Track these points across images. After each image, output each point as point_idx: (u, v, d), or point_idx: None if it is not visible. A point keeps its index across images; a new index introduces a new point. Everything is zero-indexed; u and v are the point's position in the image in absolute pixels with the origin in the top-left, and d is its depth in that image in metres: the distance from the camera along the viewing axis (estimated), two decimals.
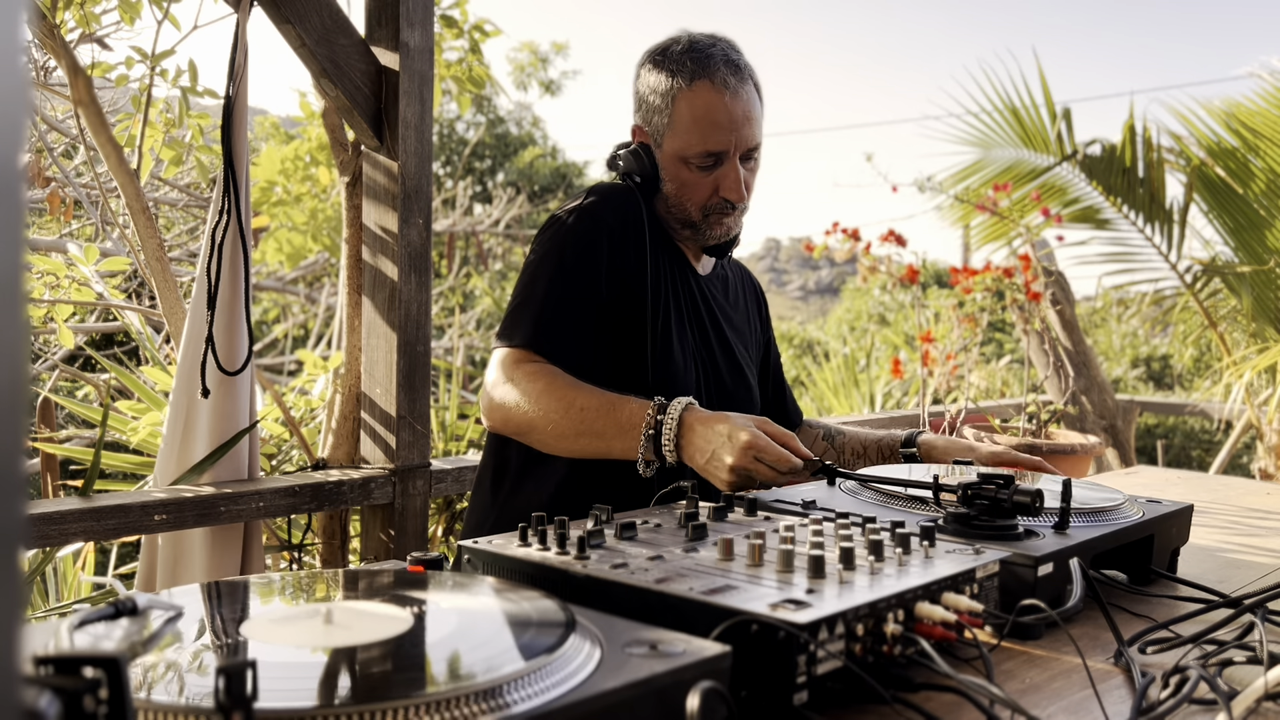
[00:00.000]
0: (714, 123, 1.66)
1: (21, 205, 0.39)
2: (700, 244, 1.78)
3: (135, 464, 2.60)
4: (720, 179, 1.69)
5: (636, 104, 1.77)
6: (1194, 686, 0.86)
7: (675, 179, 1.71)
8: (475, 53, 2.94)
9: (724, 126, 1.66)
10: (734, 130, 1.66)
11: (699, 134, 1.66)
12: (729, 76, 1.67)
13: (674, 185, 1.72)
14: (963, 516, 1.16)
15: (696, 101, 1.66)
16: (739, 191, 1.69)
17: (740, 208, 1.73)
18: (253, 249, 2.20)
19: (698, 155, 1.67)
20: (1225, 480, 2.32)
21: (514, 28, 53.10)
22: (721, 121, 1.66)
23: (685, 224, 1.74)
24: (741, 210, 1.74)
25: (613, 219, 1.67)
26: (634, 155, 1.73)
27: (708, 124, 1.66)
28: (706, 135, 1.66)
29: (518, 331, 1.61)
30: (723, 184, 1.69)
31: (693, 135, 1.67)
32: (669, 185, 1.72)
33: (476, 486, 1.80)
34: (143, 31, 7.37)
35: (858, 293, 15.52)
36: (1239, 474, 6.59)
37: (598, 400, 1.52)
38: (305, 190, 4.56)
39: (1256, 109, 5.02)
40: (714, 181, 1.69)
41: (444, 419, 3.42)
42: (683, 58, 1.68)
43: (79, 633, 0.75)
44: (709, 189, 1.70)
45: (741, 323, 1.89)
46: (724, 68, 1.67)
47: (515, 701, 0.64)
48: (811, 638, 0.80)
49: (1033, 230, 4.92)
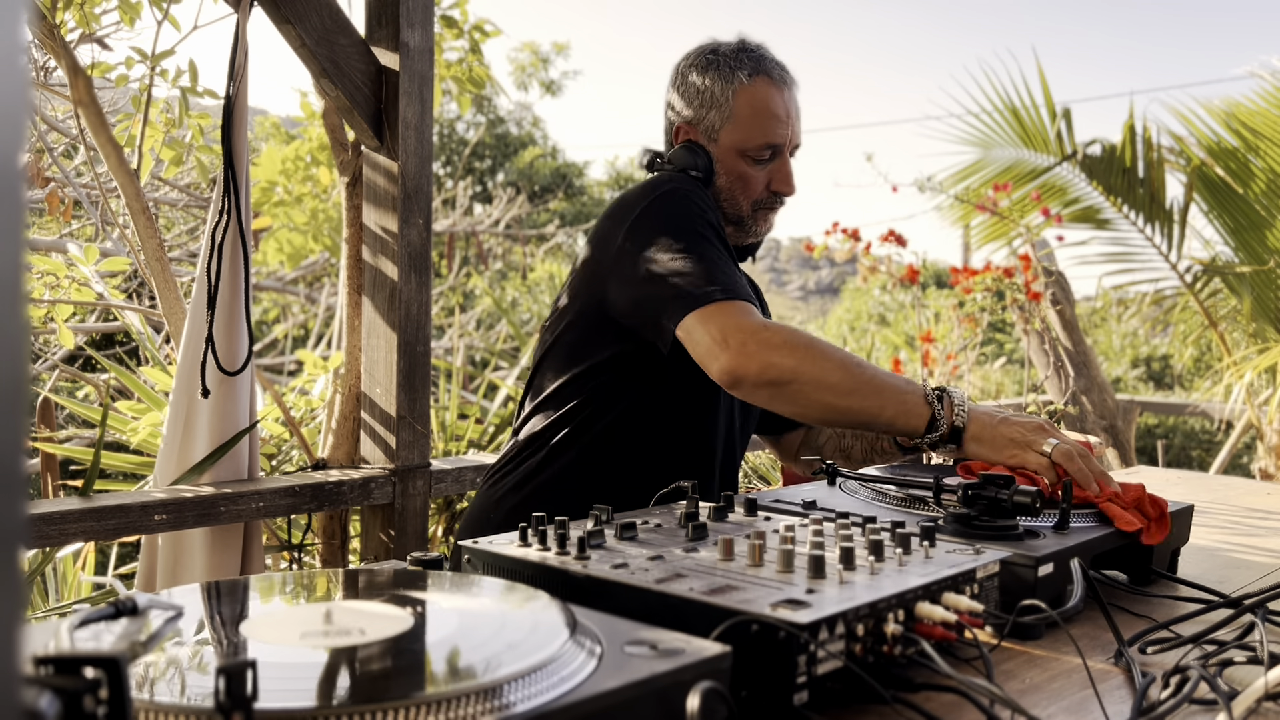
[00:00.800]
0: (774, 115, 1.72)
1: (21, 205, 0.39)
2: (740, 241, 1.81)
3: (135, 464, 2.60)
4: (773, 173, 1.74)
5: (684, 103, 1.78)
6: (1194, 687, 0.86)
7: (732, 172, 1.74)
8: (475, 53, 2.94)
9: (782, 119, 1.73)
10: (789, 124, 1.74)
11: (760, 126, 1.71)
12: (783, 73, 1.75)
13: (728, 179, 1.74)
14: (963, 516, 1.16)
15: (758, 95, 1.72)
16: (792, 184, 1.76)
17: (784, 203, 1.79)
18: (253, 249, 2.20)
19: (757, 148, 1.72)
20: (1225, 480, 2.32)
21: (515, 28, 53.22)
22: (780, 114, 1.72)
23: (733, 220, 1.77)
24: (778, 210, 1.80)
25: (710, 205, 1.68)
26: (689, 152, 1.74)
27: (769, 116, 1.72)
28: (767, 128, 1.72)
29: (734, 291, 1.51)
30: (776, 177, 1.75)
31: (754, 128, 1.71)
32: (723, 179, 1.75)
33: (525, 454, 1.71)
34: (143, 32, 7.37)
35: (858, 293, 15.52)
36: (1239, 474, 6.58)
37: (870, 363, 1.50)
38: (306, 190, 4.57)
39: (1257, 109, 5.03)
40: (767, 176, 1.74)
41: (444, 419, 3.42)
42: (739, 55, 1.74)
43: (79, 633, 0.75)
44: (763, 183, 1.75)
45: None
46: (777, 66, 1.75)
47: (515, 702, 0.64)
48: (812, 638, 0.80)
49: (1033, 230, 4.92)
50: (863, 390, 1.44)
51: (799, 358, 1.43)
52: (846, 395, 1.44)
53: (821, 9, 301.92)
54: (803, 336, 1.47)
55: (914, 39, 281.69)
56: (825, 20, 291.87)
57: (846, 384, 1.43)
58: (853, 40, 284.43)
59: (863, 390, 1.44)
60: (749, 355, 1.44)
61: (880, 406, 1.44)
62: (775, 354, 1.43)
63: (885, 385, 1.45)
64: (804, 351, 1.44)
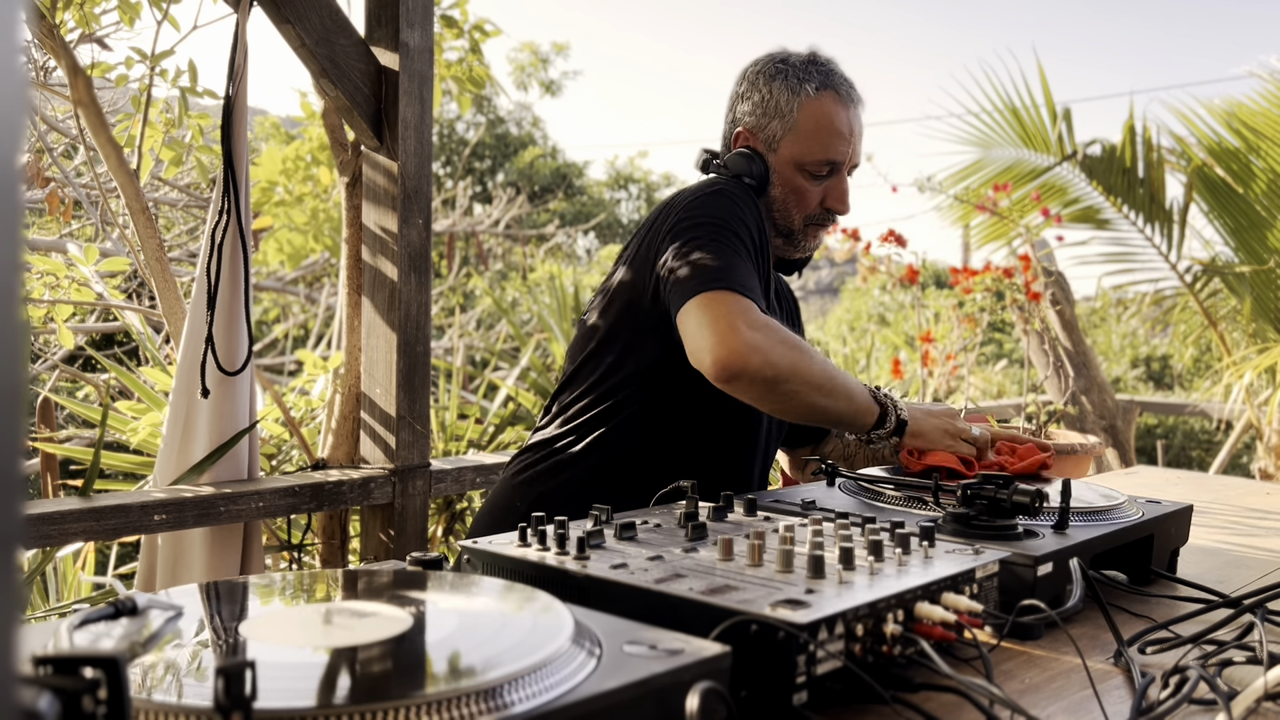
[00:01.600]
0: (837, 131, 1.70)
1: (21, 205, 0.39)
2: (787, 255, 1.80)
3: (135, 464, 2.60)
4: (829, 189, 1.73)
5: (747, 109, 1.76)
6: (1194, 687, 0.86)
7: (788, 184, 1.73)
8: (475, 53, 2.94)
9: (845, 137, 1.71)
10: (851, 142, 1.72)
11: (821, 141, 1.70)
12: (851, 90, 1.74)
13: (783, 191, 1.73)
14: (962, 516, 1.16)
15: (823, 109, 1.70)
16: (846, 203, 1.74)
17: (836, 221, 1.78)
18: (253, 249, 2.20)
19: (816, 163, 1.71)
20: (1225, 480, 2.32)
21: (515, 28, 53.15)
22: (844, 131, 1.71)
23: (783, 232, 1.76)
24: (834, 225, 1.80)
25: (755, 213, 1.67)
26: (746, 159, 1.73)
27: (831, 132, 1.70)
28: (828, 143, 1.70)
29: (744, 285, 1.50)
30: (831, 194, 1.73)
31: (815, 142, 1.70)
32: (778, 190, 1.73)
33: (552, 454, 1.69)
34: (142, 32, 7.37)
35: (857, 293, 15.51)
36: (1239, 474, 6.59)
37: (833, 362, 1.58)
38: (307, 190, 4.57)
39: (1259, 109, 5.02)
40: (823, 192, 1.73)
41: (444, 419, 3.42)
42: (809, 68, 1.73)
43: (79, 632, 0.75)
44: (817, 199, 1.73)
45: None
46: (845, 83, 1.73)
47: (515, 702, 0.64)
48: (811, 638, 0.80)
49: (1033, 230, 4.92)
50: (839, 391, 1.52)
51: (794, 358, 1.45)
52: (827, 395, 1.50)
53: (822, 9, 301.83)
54: (795, 337, 1.50)
55: (914, 38, 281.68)
56: (825, 20, 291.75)
57: (828, 385, 1.50)
58: (853, 40, 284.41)
59: (839, 391, 1.52)
60: (752, 349, 1.42)
61: (849, 406, 1.54)
62: (775, 353, 1.43)
63: (851, 386, 1.55)
64: (797, 351, 1.47)
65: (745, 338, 1.42)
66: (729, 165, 1.74)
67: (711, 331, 1.43)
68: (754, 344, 1.42)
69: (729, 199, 1.63)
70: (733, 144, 1.78)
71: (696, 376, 1.49)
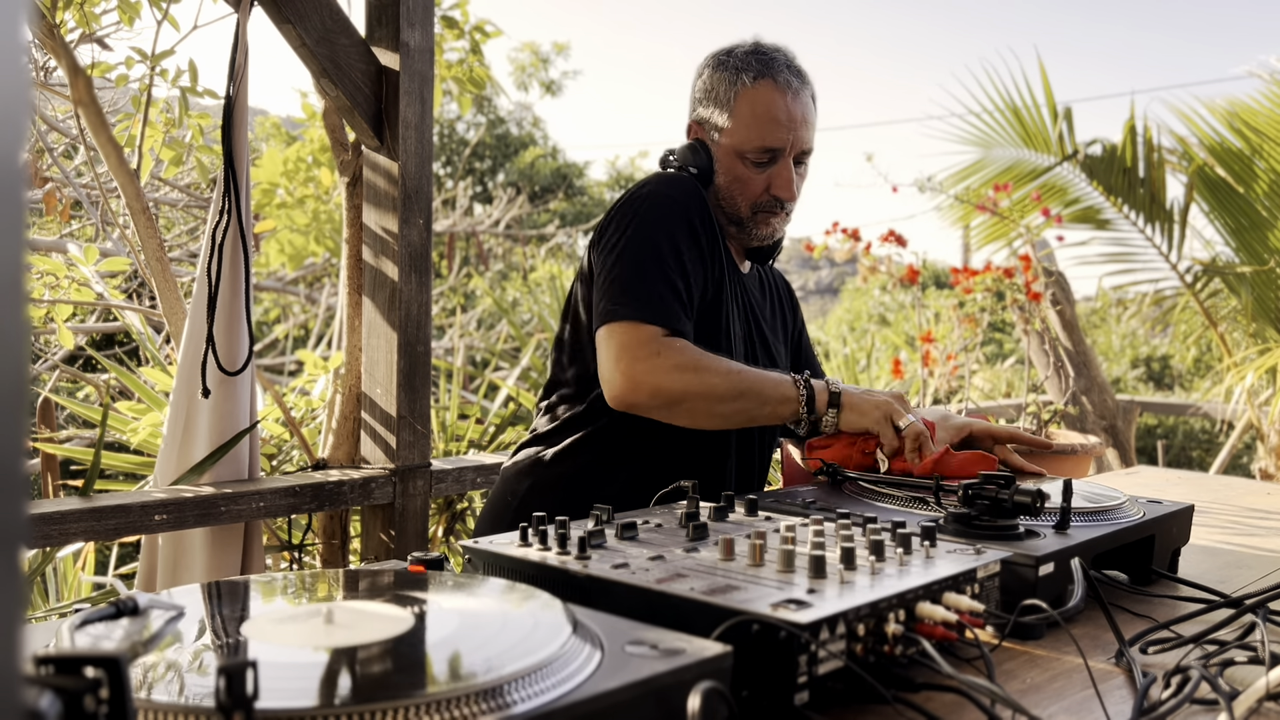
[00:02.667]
0: (774, 119, 1.71)
1: (22, 205, 0.39)
2: (744, 243, 1.82)
3: (135, 464, 2.60)
4: (773, 177, 1.74)
5: (696, 101, 1.80)
6: (1195, 686, 0.86)
7: (729, 173, 1.75)
8: (476, 53, 2.94)
9: (783, 124, 1.71)
10: (791, 129, 1.72)
11: (758, 129, 1.71)
12: (791, 78, 1.73)
13: (727, 179, 1.75)
14: (964, 516, 1.16)
15: (758, 98, 1.71)
16: (790, 190, 1.75)
17: (788, 209, 1.78)
18: (254, 250, 2.20)
19: (755, 150, 1.72)
20: (1226, 480, 2.32)
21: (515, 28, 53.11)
22: (781, 119, 1.71)
23: (733, 220, 1.78)
24: (788, 213, 1.79)
25: (696, 208, 1.69)
26: (690, 150, 1.77)
27: (768, 120, 1.71)
28: (765, 131, 1.71)
29: (646, 307, 1.58)
30: (775, 182, 1.74)
31: (752, 130, 1.71)
32: (722, 179, 1.76)
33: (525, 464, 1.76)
34: (143, 32, 7.37)
35: (858, 293, 15.51)
36: (1239, 474, 6.59)
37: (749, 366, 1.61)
38: (308, 192, 4.57)
39: (1261, 109, 5.01)
40: (767, 179, 1.74)
41: (444, 419, 3.42)
42: (748, 57, 1.74)
43: (80, 632, 0.75)
44: (761, 186, 1.74)
45: (775, 324, 1.93)
46: (786, 70, 1.74)
47: (516, 701, 0.64)
48: (813, 638, 0.80)
49: (1033, 230, 4.92)
50: (746, 393, 1.56)
51: (687, 379, 1.54)
52: (732, 400, 1.56)
53: (822, 9, 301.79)
54: (690, 356, 1.55)
55: (915, 39, 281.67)
56: (825, 20, 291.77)
57: (731, 393, 1.55)
58: (853, 40, 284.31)
59: (746, 393, 1.56)
60: (638, 381, 1.54)
61: (761, 402, 1.57)
62: (664, 378, 1.53)
63: (763, 382, 1.58)
64: (691, 372, 1.54)
65: (631, 371, 1.54)
66: (678, 158, 1.79)
67: (606, 365, 1.57)
68: (639, 377, 1.54)
69: (657, 205, 1.66)
70: (688, 135, 1.83)
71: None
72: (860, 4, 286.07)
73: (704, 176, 1.76)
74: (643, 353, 1.55)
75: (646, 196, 1.69)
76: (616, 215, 1.69)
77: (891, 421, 1.59)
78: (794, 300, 2.05)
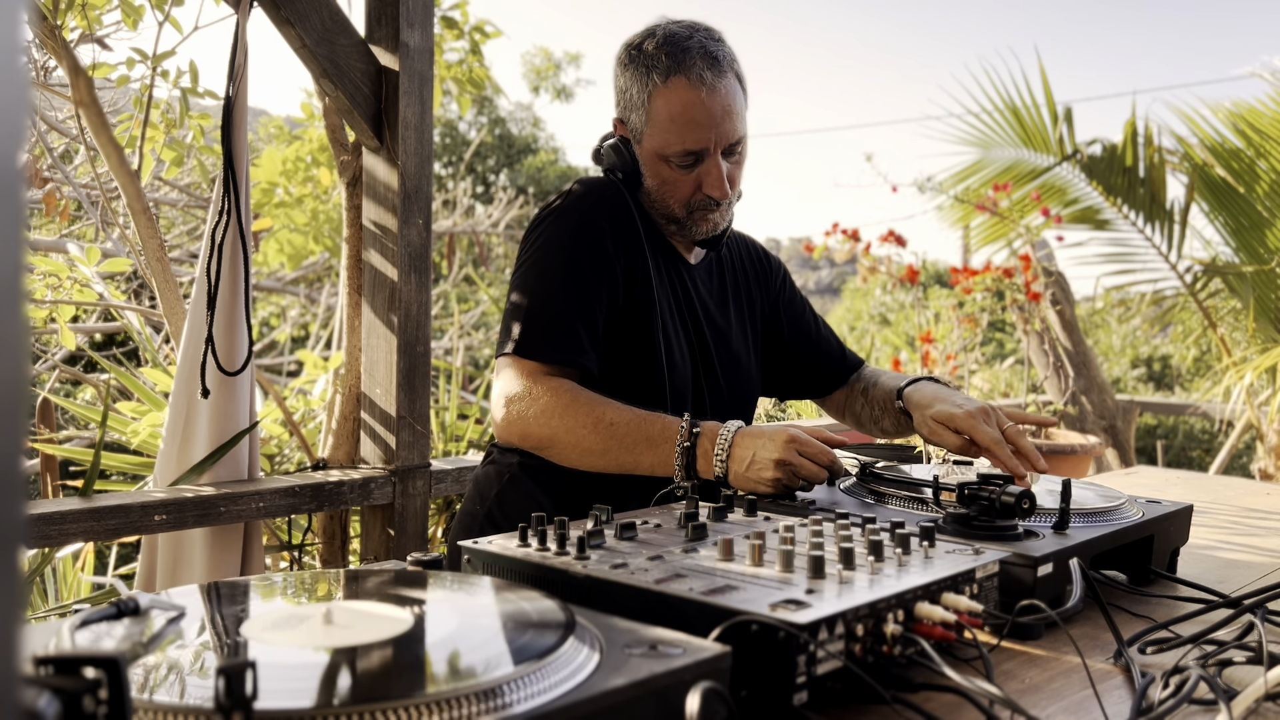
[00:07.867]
0: (692, 121, 1.59)
1: (22, 205, 0.39)
2: (689, 239, 1.74)
3: (135, 464, 2.60)
4: (703, 176, 1.64)
5: (616, 98, 1.72)
6: (1194, 686, 0.86)
7: (656, 176, 1.67)
8: (476, 54, 2.95)
9: (702, 124, 1.59)
10: (713, 127, 1.60)
11: (677, 133, 1.60)
12: (705, 71, 1.59)
13: (655, 182, 1.68)
14: (962, 517, 1.16)
15: (673, 99, 1.60)
16: (722, 189, 1.64)
17: (726, 203, 1.68)
18: (253, 250, 2.20)
19: (677, 154, 1.63)
20: (1225, 480, 2.32)
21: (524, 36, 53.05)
22: (700, 119, 1.59)
23: (670, 220, 1.71)
24: (728, 205, 1.69)
25: (608, 218, 1.64)
26: (615, 150, 1.70)
27: (685, 122, 1.59)
28: (685, 134, 1.60)
29: (529, 342, 1.56)
30: (705, 181, 1.64)
31: (671, 134, 1.61)
32: (650, 181, 1.69)
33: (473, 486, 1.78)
34: (143, 32, 7.38)
35: (858, 293, 15.51)
36: (1239, 474, 6.59)
37: (627, 415, 1.50)
38: (307, 192, 4.56)
39: (1266, 110, 5.01)
40: (696, 179, 1.65)
41: (444, 419, 3.42)
42: (657, 53, 1.61)
43: (80, 633, 0.75)
44: (691, 186, 1.65)
45: (738, 306, 1.85)
46: (700, 61, 1.60)
47: (515, 702, 0.65)
48: (811, 638, 0.80)
49: (1033, 230, 4.92)
50: (615, 449, 1.50)
51: (554, 426, 1.51)
52: (601, 455, 1.51)
53: (822, 8, 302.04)
54: (563, 399, 1.52)
55: (915, 39, 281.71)
56: (825, 20, 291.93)
57: (599, 445, 1.50)
58: (853, 40, 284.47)
59: (615, 449, 1.50)
60: (510, 423, 1.55)
61: (635, 461, 1.50)
62: (532, 425, 1.53)
63: (637, 440, 1.49)
64: (559, 419, 1.51)
65: (505, 413, 1.55)
66: (603, 158, 1.74)
67: (491, 401, 1.60)
68: (509, 419, 1.55)
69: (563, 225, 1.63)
70: (614, 132, 1.75)
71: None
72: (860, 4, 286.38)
73: (632, 178, 1.70)
74: (516, 394, 1.54)
75: (553, 214, 1.65)
76: (526, 237, 1.67)
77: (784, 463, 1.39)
78: (767, 266, 1.93)
